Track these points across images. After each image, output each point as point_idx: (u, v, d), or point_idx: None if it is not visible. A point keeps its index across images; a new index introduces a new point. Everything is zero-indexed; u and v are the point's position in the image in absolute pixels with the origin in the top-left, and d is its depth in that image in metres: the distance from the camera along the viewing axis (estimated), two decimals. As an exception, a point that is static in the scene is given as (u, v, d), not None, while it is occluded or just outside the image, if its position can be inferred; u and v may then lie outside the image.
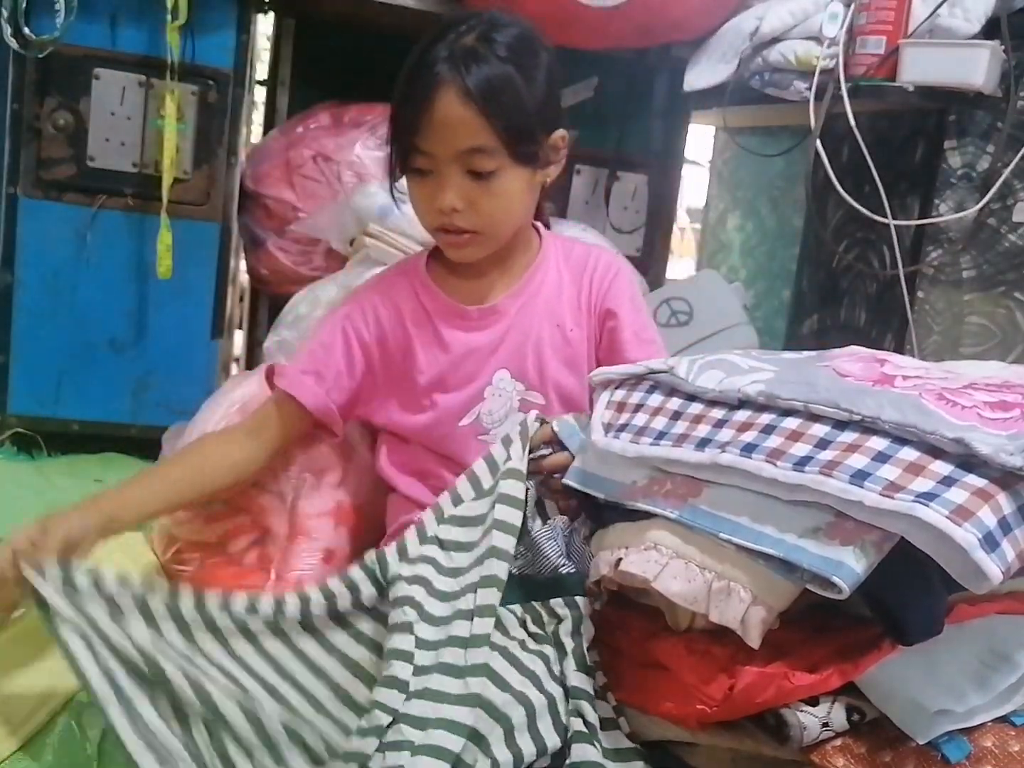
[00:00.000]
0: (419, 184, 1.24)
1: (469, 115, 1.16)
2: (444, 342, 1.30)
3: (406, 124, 1.20)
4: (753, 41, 1.79)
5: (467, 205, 1.21)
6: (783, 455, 0.89)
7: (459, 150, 1.18)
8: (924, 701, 0.88)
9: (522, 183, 1.24)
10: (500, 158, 1.19)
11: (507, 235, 1.29)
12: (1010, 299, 1.81)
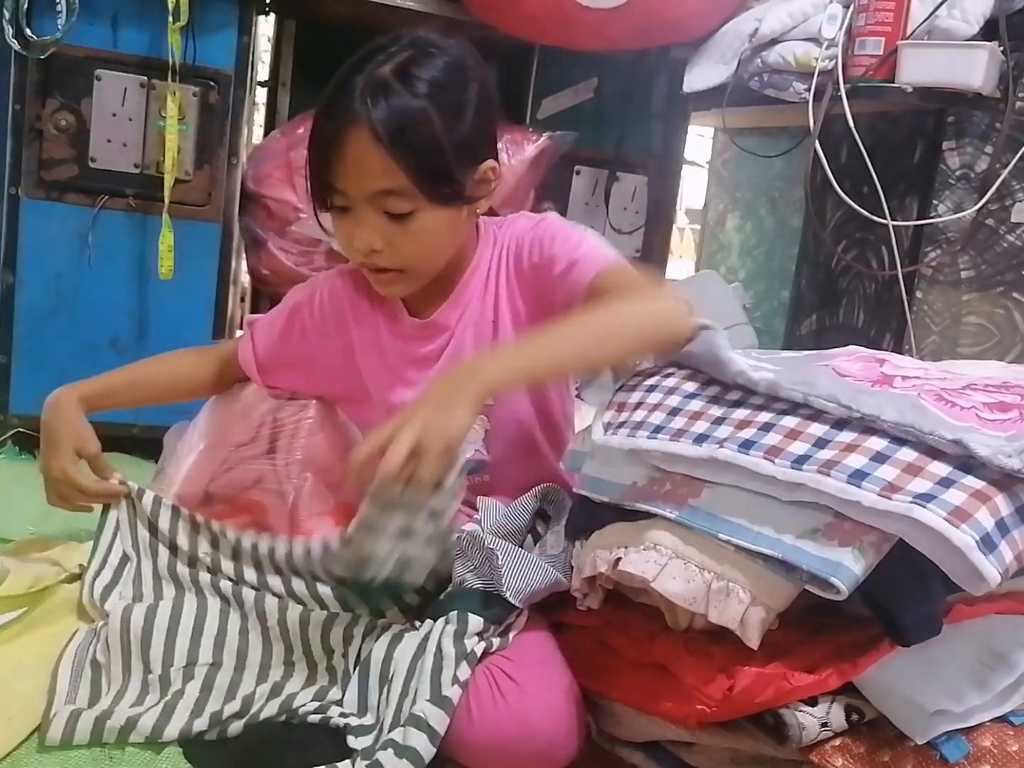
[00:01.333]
0: (339, 221, 1.18)
1: (379, 156, 1.10)
2: (380, 346, 1.31)
3: (319, 158, 1.14)
4: (752, 42, 1.79)
5: (386, 245, 1.16)
6: (781, 452, 0.90)
7: (371, 191, 1.13)
8: (923, 701, 0.89)
9: (444, 223, 1.18)
10: (415, 200, 1.13)
11: (435, 269, 1.23)
12: (1008, 299, 1.82)
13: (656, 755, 1.04)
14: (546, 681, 1.03)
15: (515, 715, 0.99)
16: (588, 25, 1.80)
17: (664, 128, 2.37)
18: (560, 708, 1.01)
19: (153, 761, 0.99)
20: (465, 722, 1.00)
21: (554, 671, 1.05)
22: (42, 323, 1.80)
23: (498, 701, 1.00)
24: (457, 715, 1.00)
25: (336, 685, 1.10)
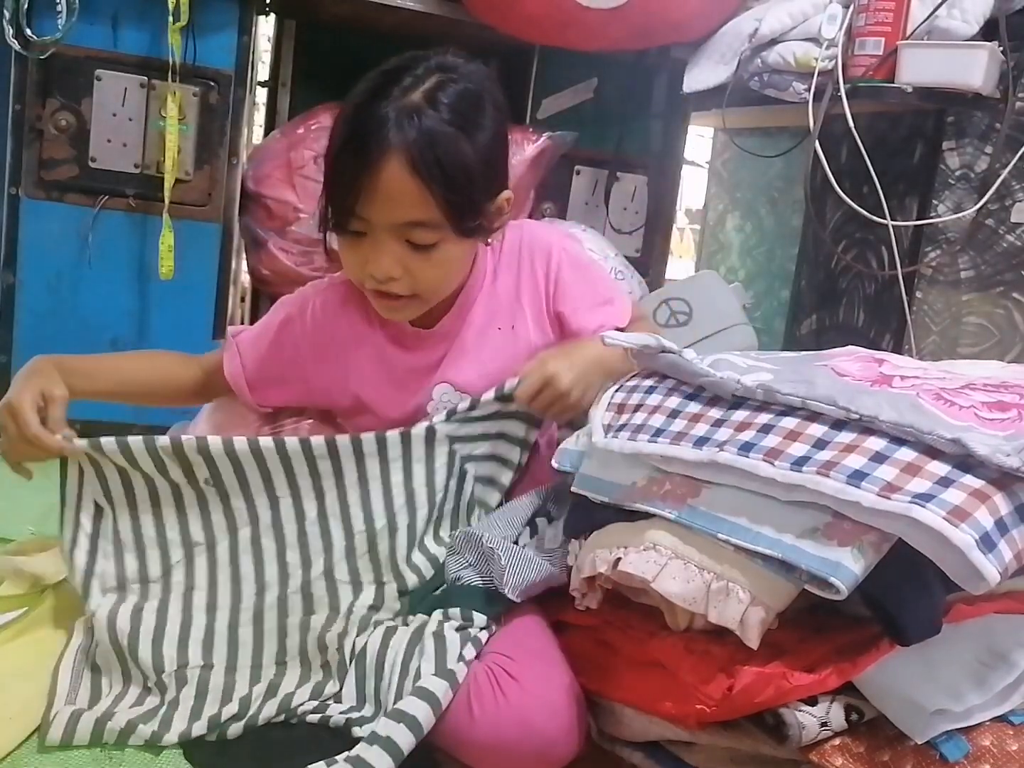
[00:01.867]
0: (352, 245, 1.16)
1: (415, 188, 1.08)
2: (386, 357, 1.29)
3: (344, 185, 1.10)
4: (752, 43, 1.79)
5: (404, 272, 1.14)
6: (781, 454, 0.90)
7: (400, 222, 1.11)
8: (922, 700, 0.89)
9: (464, 254, 1.19)
10: (442, 231, 1.12)
11: (444, 295, 1.24)
12: (1008, 299, 1.81)
13: (656, 755, 1.04)
14: (547, 679, 1.03)
15: (516, 713, 0.99)
16: (588, 25, 1.80)
17: (664, 128, 2.37)
18: (561, 706, 1.01)
19: (153, 762, 1.00)
20: (466, 720, 1.00)
21: (555, 669, 1.05)
22: (42, 323, 1.80)
23: (499, 699, 1.00)
24: (458, 713, 1.01)
25: (332, 679, 1.10)
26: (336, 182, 1.13)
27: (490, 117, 1.14)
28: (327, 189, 1.15)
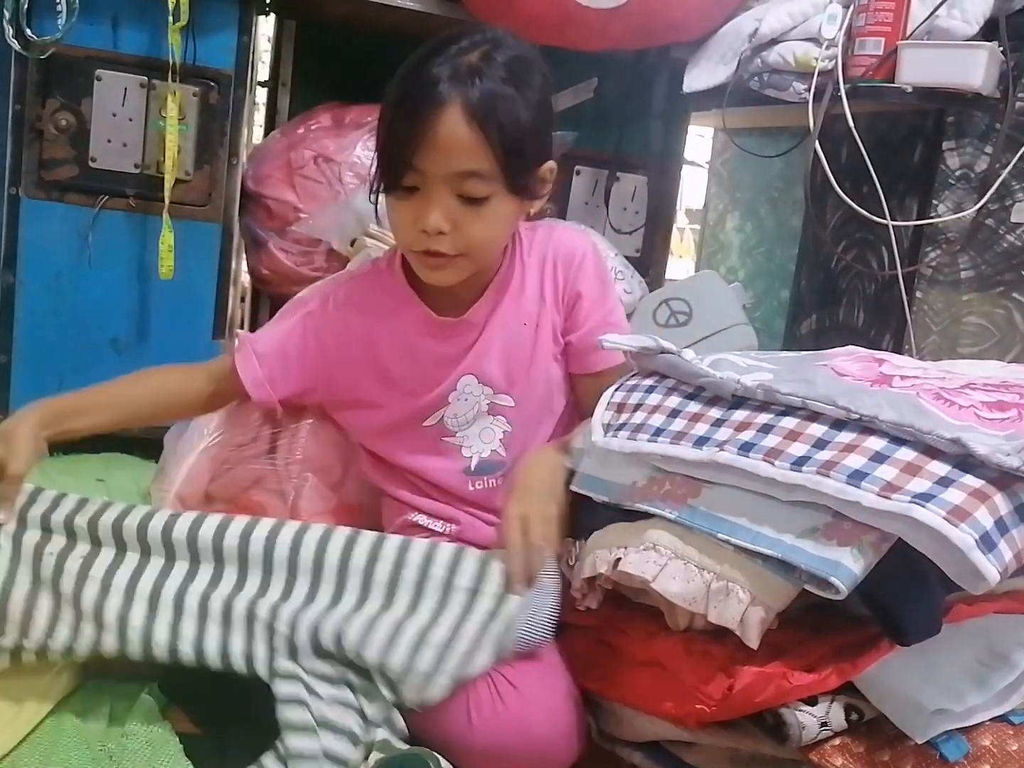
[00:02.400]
0: (404, 202, 1.17)
1: (472, 137, 1.11)
2: (414, 349, 1.30)
3: (401, 139, 1.13)
4: (752, 42, 1.79)
5: (453, 228, 1.16)
6: (781, 454, 0.90)
7: (455, 172, 1.13)
8: (922, 700, 0.89)
9: (511, 210, 1.20)
10: (494, 185, 1.15)
11: (486, 261, 1.25)
12: (1008, 299, 1.81)
13: (656, 755, 1.04)
14: (546, 686, 1.03)
15: (515, 720, 0.99)
16: (588, 24, 1.80)
17: (664, 128, 2.37)
18: (560, 712, 1.01)
19: (152, 759, 1.00)
20: (465, 727, 1.00)
21: (554, 676, 1.05)
22: (42, 323, 1.79)
23: (498, 706, 1.00)
24: (457, 720, 1.01)
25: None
26: (392, 138, 1.16)
27: (540, 83, 1.18)
28: (381, 149, 1.18)
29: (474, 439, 1.30)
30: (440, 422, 1.30)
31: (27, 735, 1.03)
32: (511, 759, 1.00)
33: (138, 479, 1.68)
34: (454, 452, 1.30)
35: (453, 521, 1.30)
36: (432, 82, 1.11)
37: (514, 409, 1.30)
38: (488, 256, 1.25)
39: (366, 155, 1.96)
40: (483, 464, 1.30)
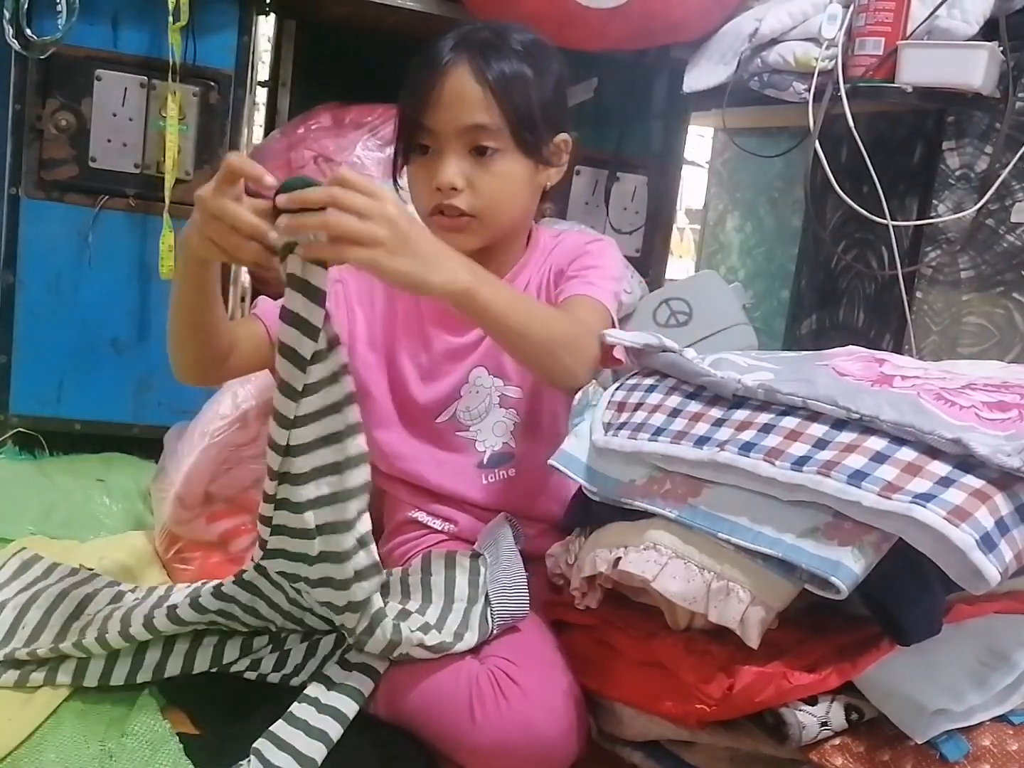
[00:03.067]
0: (420, 164, 1.23)
1: (478, 91, 1.18)
2: (428, 339, 1.30)
3: (414, 100, 1.21)
4: (752, 42, 1.79)
5: (467, 184, 1.20)
6: (781, 454, 0.90)
7: (464, 125, 1.19)
8: (922, 700, 0.89)
9: (523, 172, 1.24)
10: (503, 139, 1.20)
11: (502, 226, 1.26)
12: (1008, 299, 1.81)
13: (656, 754, 1.04)
14: (548, 683, 1.03)
15: (518, 717, 1.00)
16: (588, 24, 1.80)
17: (664, 128, 2.37)
18: (562, 710, 1.02)
19: (152, 759, 1.00)
20: (467, 723, 1.00)
21: (556, 673, 1.06)
22: (42, 323, 1.79)
23: (500, 703, 1.00)
24: (459, 716, 1.01)
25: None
26: (406, 103, 1.23)
27: (549, 57, 1.25)
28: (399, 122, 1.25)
29: (487, 432, 1.31)
30: (453, 416, 1.30)
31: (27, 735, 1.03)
32: (513, 756, 1.00)
33: (138, 479, 1.69)
34: (469, 446, 1.30)
35: (452, 521, 1.30)
36: (441, 50, 1.20)
37: (521, 400, 1.30)
38: (501, 219, 1.25)
39: (366, 155, 1.96)
40: (495, 457, 1.31)
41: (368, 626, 1.04)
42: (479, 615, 1.10)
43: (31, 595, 1.22)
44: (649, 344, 1.09)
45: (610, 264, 1.33)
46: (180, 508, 1.40)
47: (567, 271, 1.30)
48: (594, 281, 1.27)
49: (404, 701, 1.07)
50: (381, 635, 1.04)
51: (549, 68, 1.24)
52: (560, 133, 1.27)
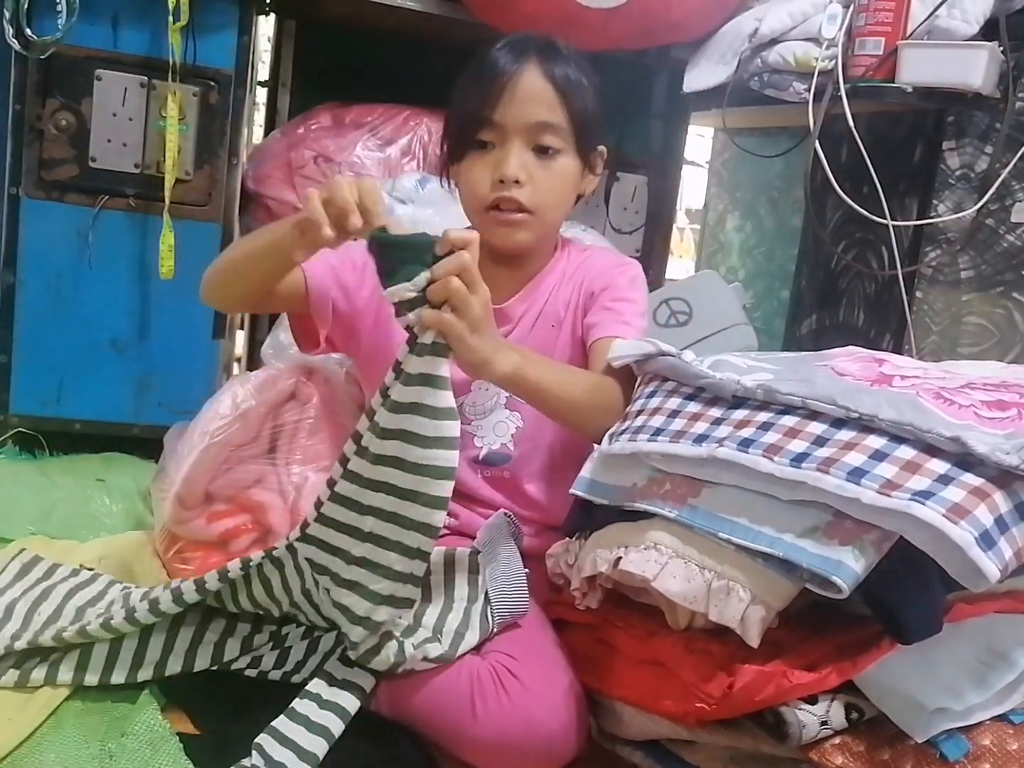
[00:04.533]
0: (480, 158, 1.25)
1: (549, 91, 1.23)
2: None
3: (480, 98, 1.23)
4: (752, 42, 1.79)
5: (528, 179, 1.23)
6: (780, 451, 0.90)
7: (532, 122, 1.23)
8: (923, 699, 0.89)
9: (576, 174, 1.29)
10: (566, 140, 1.25)
11: (552, 225, 1.32)
12: (1008, 299, 1.81)
13: (656, 753, 1.04)
14: (549, 679, 1.04)
15: (519, 713, 1.00)
16: (588, 25, 1.80)
17: (664, 128, 2.37)
18: (563, 705, 1.02)
19: (152, 759, 1.00)
20: (469, 719, 1.01)
21: (557, 669, 1.06)
22: (42, 322, 1.79)
23: (502, 698, 1.01)
24: (460, 711, 1.02)
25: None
26: (468, 100, 1.25)
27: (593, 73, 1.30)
28: (454, 120, 1.29)
29: (488, 430, 1.32)
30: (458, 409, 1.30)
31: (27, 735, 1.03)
32: (514, 752, 1.00)
33: (138, 479, 1.69)
34: (467, 440, 1.31)
35: (452, 515, 1.30)
36: (507, 55, 1.24)
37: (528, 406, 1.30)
38: (553, 217, 1.30)
39: (366, 155, 1.96)
40: (491, 455, 1.31)
41: (375, 646, 1.04)
42: (479, 614, 1.11)
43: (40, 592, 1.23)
44: (647, 353, 1.10)
45: (642, 298, 1.36)
46: (180, 508, 1.40)
47: (599, 297, 1.32)
48: (629, 320, 1.29)
49: (406, 697, 1.07)
50: (385, 656, 1.04)
51: (593, 79, 1.29)
52: (600, 145, 1.32)
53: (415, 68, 2.18)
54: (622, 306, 1.31)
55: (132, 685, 1.11)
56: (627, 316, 1.30)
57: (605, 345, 1.23)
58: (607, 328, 1.27)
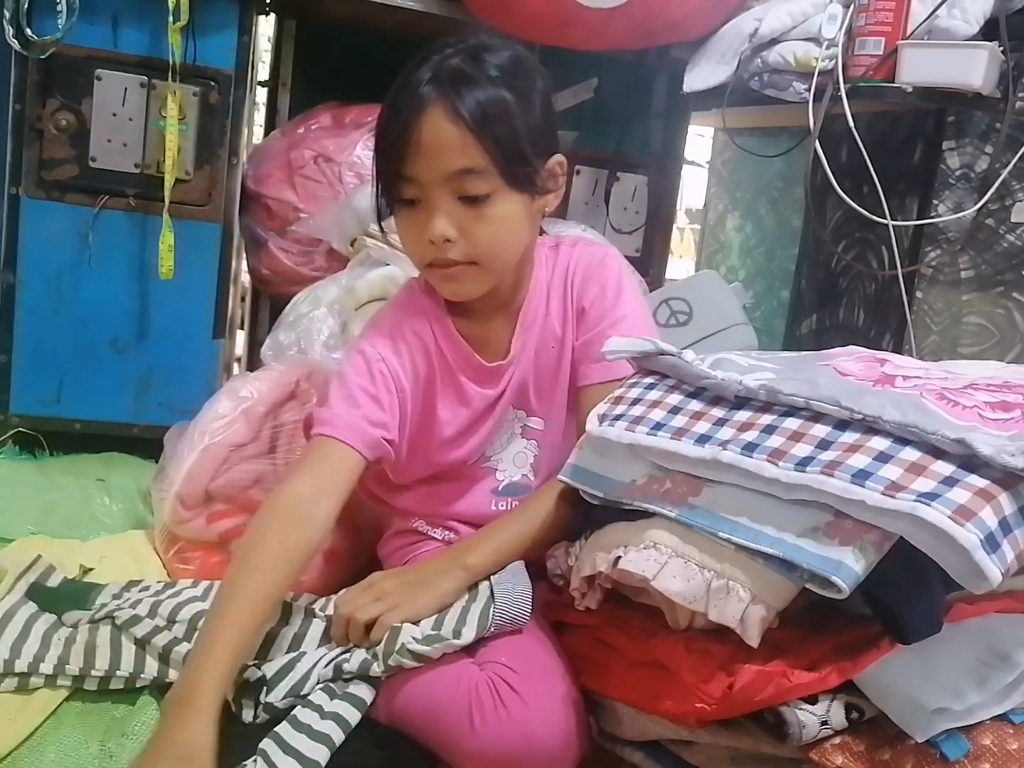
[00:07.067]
0: (407, 217, 1.16)
1: (457, 135, 1.09)
2: (467, 397, 1.27)
3: (391, 150, 1.12)
4: (752, 42, 1.79)
5: (460, 234, 1.13)
6: (785, 455, 0.90)
7: (448, 172, 1.10)
8: (923, 699, 0.89)
9: (518, 209, 1.16)
10: (493, 180, 1.11)
11: (505, 267, 1.20)
12: (1008, 299, 1.82)
13: (656, 754, 1.04)
14: (548, 690, 1.03)
15: (517, 725, 0.99)
16: (588, 25, 1.80)
17: (664, 128, 2.37)
18: (562, 717, 1.01)
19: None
20: (467, 731, 1.00)
21: (556, 680, 1.05)
22: (42, 322, 1.80)
23: (500, 711, 0.99)
24: (459, 724, 1.00)
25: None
26: (383, 153, 1.15)
27: (531, 79, 1.15)
28: (378, 168, 1.17)
29: (508, 463, 1.31)
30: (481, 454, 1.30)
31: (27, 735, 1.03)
32: (513, 764, 0.99)
33: (138, 479, 1.68)
34: (488, 475, 1.30)
35: (451, 530, 1.30)
36: (414, 88, 1.10)
37: (542, 432, 1.30)
38: (502, 262, 1.19)
39: (366, 155, 1.96)
40: (511, 487, 1.30)
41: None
42: (478, 612, 1.10)
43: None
44: (646, 351, 1.09)
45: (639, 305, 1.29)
46: (180, 508, 1.40)
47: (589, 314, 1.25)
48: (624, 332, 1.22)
49: (404, 708, 1.06)
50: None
51: (532, 87, 1.14)
52: (552, 155, 1.19)
53: (415, 68, 2.18)
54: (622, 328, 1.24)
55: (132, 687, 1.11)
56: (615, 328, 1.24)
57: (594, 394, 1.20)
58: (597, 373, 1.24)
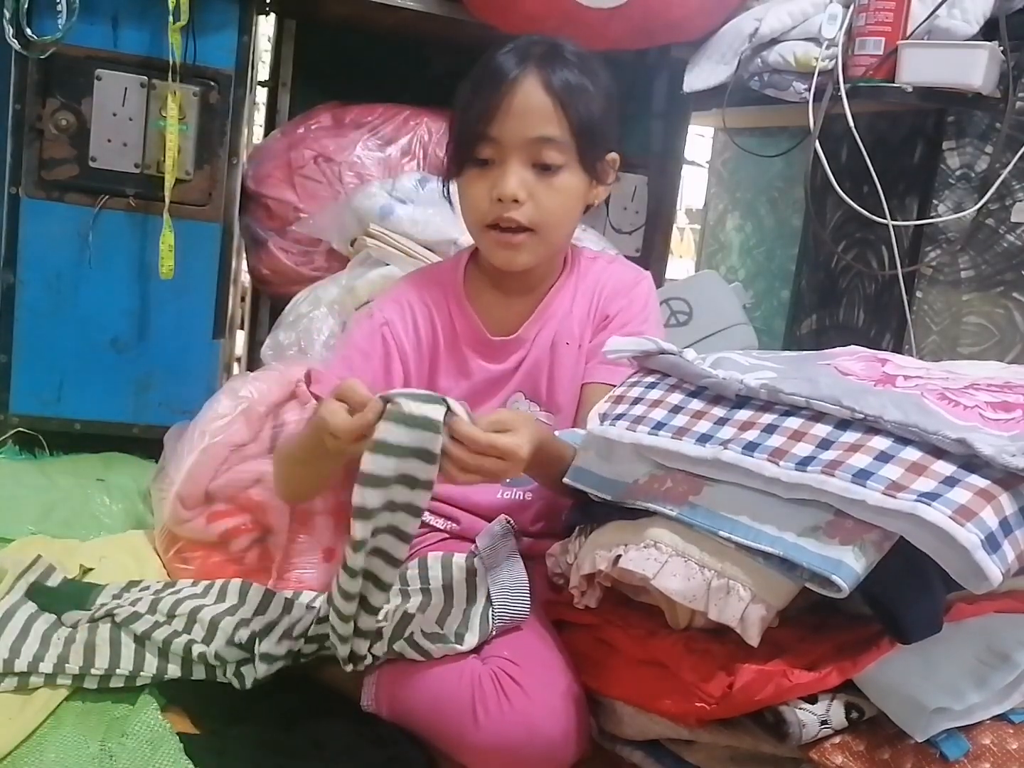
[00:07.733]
0: (478, 176, 1.21)
1: (548, 103, 1.16)
2: (468, 369, 1.29)
3: (477, 112, 1.18)
4: (752, 42, 1.79)
5: (528, 197, 1.19)
6: (785, 455, 0.90)
7: (531, 137, 1.17)
8: (923, 699, 0.89)
9: (581, 189, 1.23)
10: (568, 154, 1.19)
11: (556, 243, 1.26)
12: (1008, 299, 1.82)
13: (656, 753, 1.04)
14: (550, 684, 1.04)
15: (520, 718, 1.00)
16: (588, 25, 1.80)
17: (664, 128, 2.37)
18: (563, 710, 1.02)
19: (152, 759, 1.00)
20: (470, 724, 1.01)
21: (557, 673, 1.06)
22: (42, 322, 1.80)
23: (503, 704, 1.00)
24: (462, 717, 1.01)
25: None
26: (467, 113, 1.20)
27: (604, 77, 1.23)
28: (455, 133, 1.23)
29: None
30: None
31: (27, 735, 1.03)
32: (515, 756, 1.00)
33: (138, 479, 1.69)
34: None
35: (454, 520, 1.30)
36: (506, 64, 1.18)
37: (554, 427, 1.29)
38: (556, 236, 1.25)
39: (366, 155, 1.96)
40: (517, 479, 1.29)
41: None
42: (479, 615, 1.10)
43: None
44: (646, 350, 1.09)
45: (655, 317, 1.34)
46: (180, 508, 1.40)
47: (612, 319, 1.30)
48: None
49: (406, 701, 1.07)
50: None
51: (604, 81, 1.22)
52: (611, 151, 1.25)
53: (415, 68, 2.19)
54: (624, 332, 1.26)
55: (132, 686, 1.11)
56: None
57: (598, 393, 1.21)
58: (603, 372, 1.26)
